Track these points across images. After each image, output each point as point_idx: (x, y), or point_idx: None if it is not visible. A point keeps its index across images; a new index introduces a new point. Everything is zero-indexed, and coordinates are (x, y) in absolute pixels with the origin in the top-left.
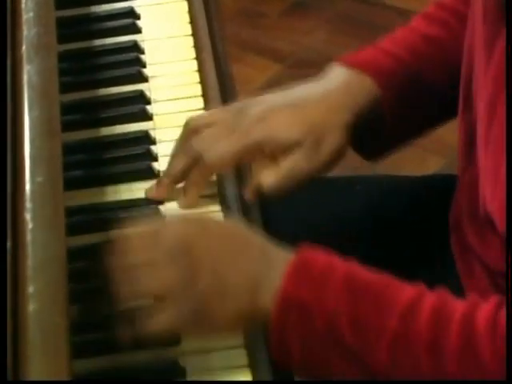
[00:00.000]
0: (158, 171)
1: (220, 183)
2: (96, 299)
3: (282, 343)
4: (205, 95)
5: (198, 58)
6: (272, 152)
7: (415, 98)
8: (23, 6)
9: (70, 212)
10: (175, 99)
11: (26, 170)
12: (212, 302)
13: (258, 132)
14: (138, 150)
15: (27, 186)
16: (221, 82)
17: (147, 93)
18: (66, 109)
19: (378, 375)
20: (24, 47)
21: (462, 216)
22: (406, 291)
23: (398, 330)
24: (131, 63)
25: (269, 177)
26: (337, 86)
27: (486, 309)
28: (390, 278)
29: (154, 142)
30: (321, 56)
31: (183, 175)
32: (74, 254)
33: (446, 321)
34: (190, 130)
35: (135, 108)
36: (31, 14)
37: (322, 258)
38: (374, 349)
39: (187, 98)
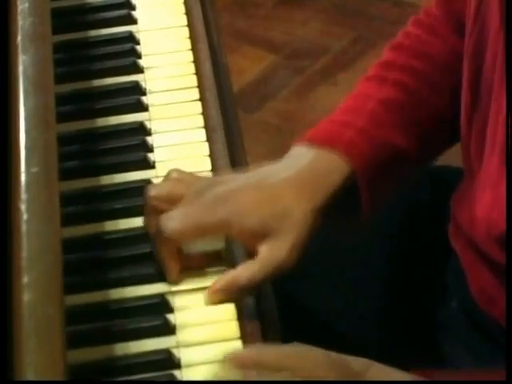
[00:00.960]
0: (154, 162)
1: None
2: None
3: None
4: (200, 86)
5: (194, 48)
6: (239, 235)
7: (386, 165)
8: None
9: (66, 202)
10: (171, 90)
11: (22, 160)
12: None
13: (223, 211)
14: (134, 140)
15: (22, 177)
16: (216, 72)
17: (142, 84)
18: (62, 99)
19: None
20: (19, 37)
21: None
22: None
23: None
24: (126, 54)
25: (247, 272)
26: (305, 167)
27: None
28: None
29: (149, 133)
30: (316, 46)
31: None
32: (69, 245)
33: None
34: (151, 205)
35: (130, 99)
36: (26, 5)
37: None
38: None
39: (183, 88)
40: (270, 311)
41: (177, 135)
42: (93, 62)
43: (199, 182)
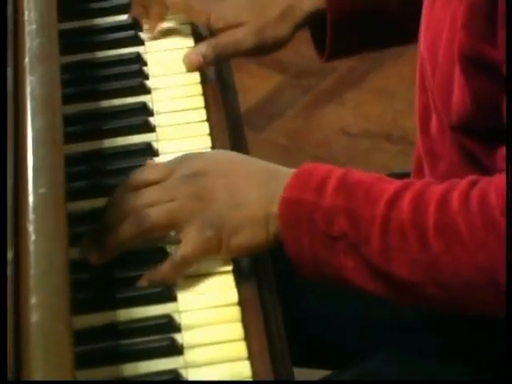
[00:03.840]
0: None
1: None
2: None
3: (294, 245)
4: (207, 106)
5: (201, 69)
6: (224, 24)
7: (361, 13)
8: (26, 17)
9: (73, 223)
10: (178, 111)
11: (29, 180)
12: (230, 215)
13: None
14: (141, 161)
15: (30, 197)
16: (223, 92)
17: (150, 104)
18: (69, 120)
19: (372, 264)
20: (27, 59)
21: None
22: (394, 183)
23: (386, 214)
24: (134, 75)
25: (210, 45)
26: None
27: (461, 187)
28: (383, 176)
29: (156, 154)
30: (322, 65)
31: None
32: (76, 265)
33: (425, 201)
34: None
35: (138, 120)
36: (34, 26)
37: (322, 167)
38: (368, 237)
39: (190, 109)
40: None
41: None
42: (100, 83)
43: None
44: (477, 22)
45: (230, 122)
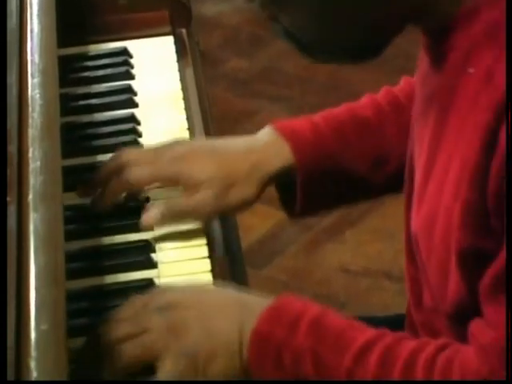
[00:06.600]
0: None
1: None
2: None
3: (261, 377)
4: (209, 244)
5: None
6: (184, 185)
7: (330, 173)
8: (30, 154)
9: (75, 360)
10: (179, 248)
11: (32, 317)
12: (203, 345)
13: (175, 167)
14: None
15: (32, 334)
16: (225, 229)
17: (152, 241)
18: (71, 257)
19: None
20: (30, 196)
21: (411, 310)
22: (365, 333)
23: (351, 368)
24: (136, 211)
25: (167, 206)
26: (259, 145)
27: (429, 350)
28: (356, 322)
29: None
30: None
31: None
32: None
33: (392, 360)
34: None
35: (140, 256)
36: (38, 163)
37: (297, 303)
38: None
39: (191, 246)
40: None
41: None
42: (102, 220)
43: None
44: (473, 221)
45: (231, 260)
